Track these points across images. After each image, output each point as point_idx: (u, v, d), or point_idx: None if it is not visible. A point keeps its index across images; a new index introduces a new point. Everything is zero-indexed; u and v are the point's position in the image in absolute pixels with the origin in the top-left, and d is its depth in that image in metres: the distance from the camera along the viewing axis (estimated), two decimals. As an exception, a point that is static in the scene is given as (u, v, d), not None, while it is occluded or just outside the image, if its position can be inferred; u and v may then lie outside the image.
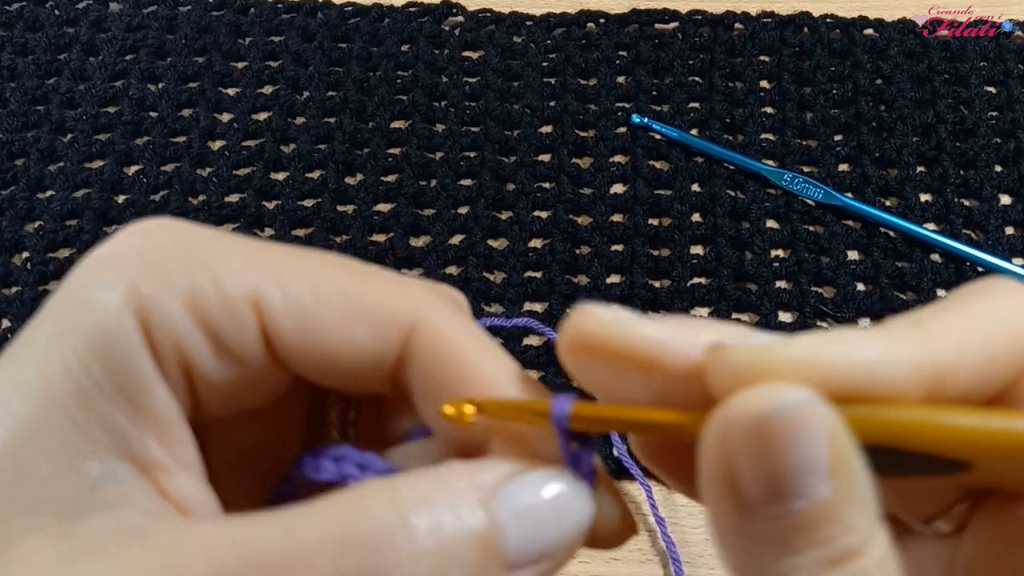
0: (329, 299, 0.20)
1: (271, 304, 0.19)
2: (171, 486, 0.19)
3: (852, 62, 0.60)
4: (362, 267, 0.21)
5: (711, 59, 0.61)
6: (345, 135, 0.58)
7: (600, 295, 0.51)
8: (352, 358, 0.20)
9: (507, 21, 0.63)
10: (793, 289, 0.51)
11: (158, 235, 0.20)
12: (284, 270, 0.20)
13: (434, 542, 0.17)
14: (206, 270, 0.19)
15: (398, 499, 0.17)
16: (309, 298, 0.19)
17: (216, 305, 0.19)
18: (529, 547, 0.18)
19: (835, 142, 0.57)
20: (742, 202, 0.55)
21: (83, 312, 0.19)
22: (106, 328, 0.18)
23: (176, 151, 0.58)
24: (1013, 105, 0.58)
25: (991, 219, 0.54)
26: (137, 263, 0.19)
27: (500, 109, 0.59)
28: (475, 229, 0.54)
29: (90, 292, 0.19)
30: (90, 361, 0.18)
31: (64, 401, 0.18)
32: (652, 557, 0.45)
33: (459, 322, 0.21)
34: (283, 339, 0.19)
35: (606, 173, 0.56)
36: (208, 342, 0.19)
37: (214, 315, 0.19)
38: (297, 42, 0.62)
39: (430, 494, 0.18)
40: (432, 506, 0.17)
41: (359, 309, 0.20)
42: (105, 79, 0.61)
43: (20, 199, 0.55)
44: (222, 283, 0.19)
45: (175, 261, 0.19)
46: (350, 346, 0.20)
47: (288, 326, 0.19)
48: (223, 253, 0.20)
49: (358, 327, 0.20)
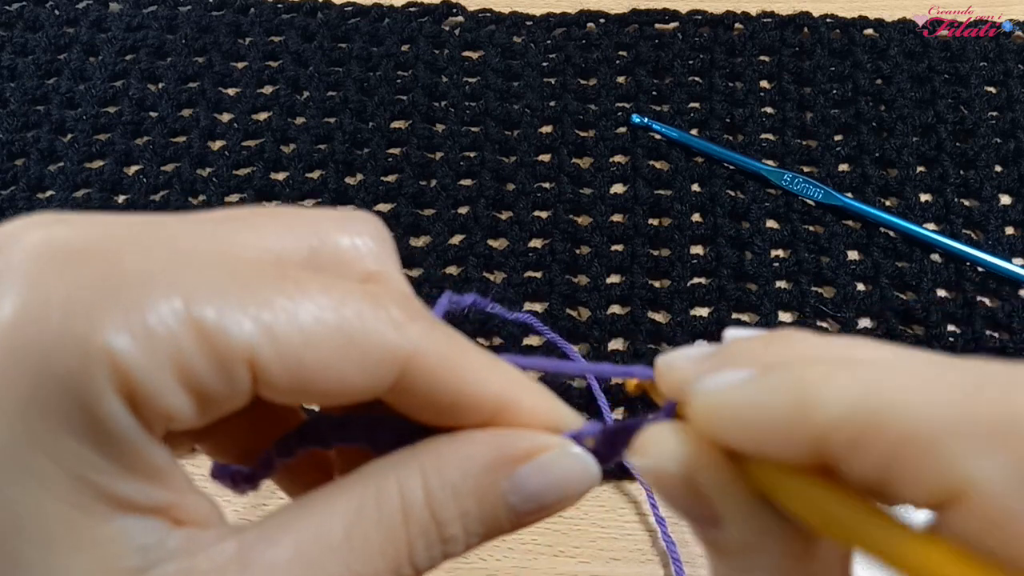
0: (321, 343, 0.18)
1: (265, 358, 0.18)
2: (182, 514, 0.18)
3: (852, 62, 0.60)
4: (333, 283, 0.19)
5: (711, 59, 0.61)
6: (345, 135, 0.58)
7: (600, 295, 0.51)
8: (342, 392, 0.19)
9: (507, 21, 0.63)
10: (793, 289, 0.51)
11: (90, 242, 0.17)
12: (275, 314, 0.18)
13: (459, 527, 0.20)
14: (191, 325, 0.17)
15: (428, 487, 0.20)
16: (299, 342, 0.18)
17: (206, 367, 0.17)
18: (533, 511, 0.21)
19: (835, 142, 0.57)
20: (742, 202, 0.55)
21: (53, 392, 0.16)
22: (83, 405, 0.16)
23: (176, 151, 0.58)
24: (1013, 105, 0.58)
25: (991, 219, 0.54)
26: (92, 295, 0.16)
27: (500, 109, 0.59)
28: (475, 229, 0.54)
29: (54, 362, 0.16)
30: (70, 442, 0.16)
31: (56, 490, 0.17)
32: (652, 557, 0.45)
33: (442, 340, 0.20)
34: (272, 384, 0.18)
35: (606, 173, 0.56)
36: (193, 399, 0.18)
37: (204, 376, 0.17)
38: (297, 42, 0.62)
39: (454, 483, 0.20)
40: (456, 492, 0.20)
41: (353, 350, 0.19)
42: (105, 79, 0.61)
43: (20, 199, 0.55)
44: (214, 341, 0.17)
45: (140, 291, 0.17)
46: (340, 383, 0.19)
47: (278, 373, 0.18)
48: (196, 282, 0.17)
49: (350, 368, 0.19)
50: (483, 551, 0.45)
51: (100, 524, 0.17)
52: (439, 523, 0.19)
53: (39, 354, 0.16)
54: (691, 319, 0.50)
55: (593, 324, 0.50)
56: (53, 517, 0.17)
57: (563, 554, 0.45)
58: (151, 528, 0.18)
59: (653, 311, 0.51)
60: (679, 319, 0.50)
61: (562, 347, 0.48)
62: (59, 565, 0.17)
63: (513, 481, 0.20)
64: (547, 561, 0.45)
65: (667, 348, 0.50)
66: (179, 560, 0.18)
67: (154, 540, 0.18)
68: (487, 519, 0.20)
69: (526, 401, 0.21)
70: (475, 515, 0.20)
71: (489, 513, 0.20)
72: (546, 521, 0.48)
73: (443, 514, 0.20)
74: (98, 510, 0.17)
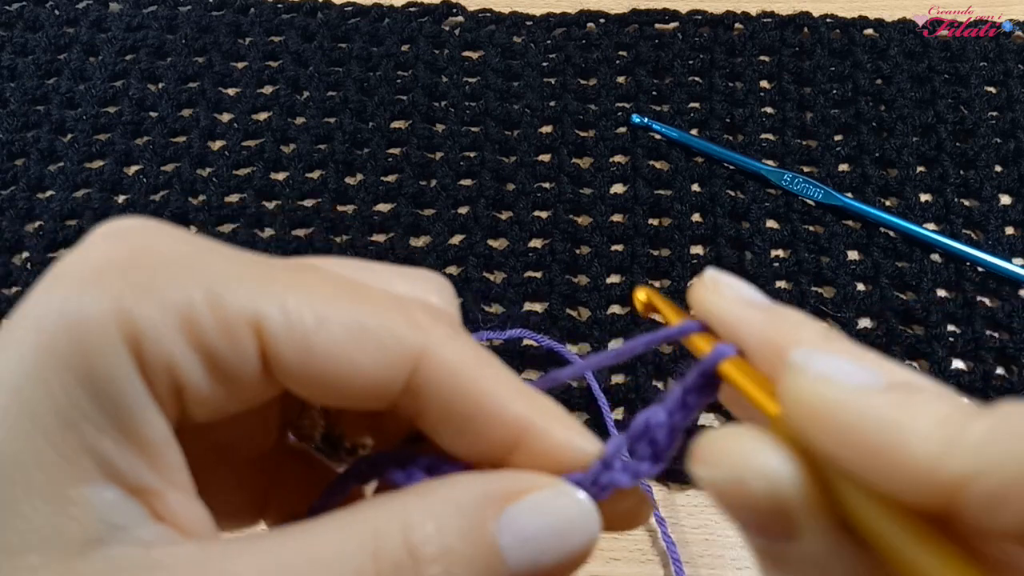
0: (332, 323, 0.18)
1: (272, 328, 0.18)
2: (165, 509, 0.18)
3: (852, 62, 0.60)
4: (362, 287, 0.20)
5: (711, 59, 0.61)
6: (345, 135, 0.58)
7: (600, 295, 0.51)
8: (354, 384, 0.19)
9: (507, 21, 0.63)
10: (793, 289, 0.51)
11: (140, 240, 0.18)
12: (286, 290, 0.18)
13: (440, 568, 0.18)
14: (201, 286, 0.18)
15: (408, 523, 0.18)
16: (311, 321, 0.18)
17: (213, 327, 0.18)
18: (531, 566, 0.18)
19: (835, 142, 0.57)
20: (742, 202, 0.55)
21: (61, 331, 0.17)
22: (91, 352, 0.17)
23: (176, 151, 0.58)
24: (1013, 105, 0.58)
25: (991, 219, 0.54)
26: (123, 274, 0.17)
27: (500, 109, 0.59)
28: (475, 229, 0.54)
29: (70, 309, 0.17)
30: (74, 388, 0.17)
31: (47, 431, 0.17)
32: (652, 557, 0.45)
33: (464, 345, 0.20)
34: (283, 363, 0.18)
35: (606, 173, 0.56)
36: (203, 364, 0.18)
37: (211, 337, 0.18)
38: (297, 42, 0.62)
39: (437, 517, 0.18)
40: (439, 528, 0.18)
41: (363, 334, 0.19)
42: (105, 79, 0.61)
43: (20, 199, 0.55)
44: (220, 303, 0.18)
45: (166, 273, 0.18)
46: (352, 373, 0.19)
47: (289, 351, 0.18)
48: (218, 266, 0.18)
49: (362, 354, 0.19)
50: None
51: (79, 483, 0.17)
52: (416, 559, 0.18)
53: (58, 312, 0.17)
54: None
55: (593, 324, 0.50)
56: (37, 457, 0.17)
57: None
58: (127, 510, 0.17)
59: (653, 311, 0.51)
60: (679, 319, 0.50)
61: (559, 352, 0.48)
62: (23, 508, 0.17)
63: (503, 520, 0.18)
64: (547, 561, 0.45)
65: (667, 347, 0.50)
66: (137, 548, 0.17)
67: (124, 522, 0.17)
68: (475, 563, 0.18)
69: (553, 430, 0.20)
70: (460, 555, 0.18)
71: (477, 555, 0.18)
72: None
73: (422, 550, 0.18)
74: (82, 466, 0.17)
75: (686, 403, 0.20)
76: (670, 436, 0.20)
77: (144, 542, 0.17)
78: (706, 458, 0.18)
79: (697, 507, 0.46)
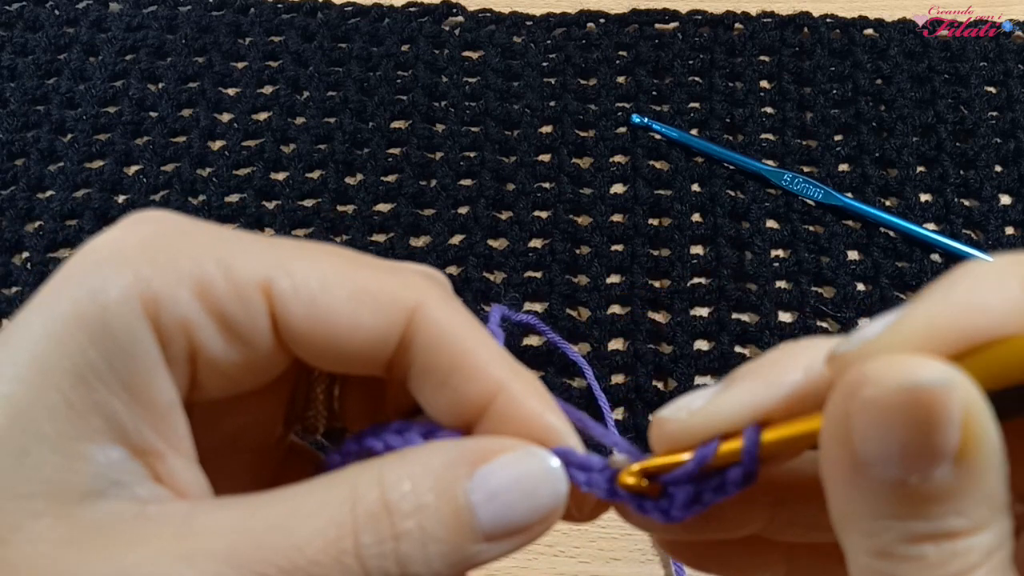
0: (335, 286, 0.20)
1: (281, 290, 0.20)
2: (165, 471, 0.19)
3: (852, 62, 0.60)
4: (361, 256, 0.21)
5: (711, 59, 0.61)
6: (345, 135, 0.58)
7: (600, 295, 0.51)
8: (357, 342, 0.20)
9: (507, 21, 0.63)
10: (793, 289, 0.51)
11: (162, 225, 0.20)
12: (291, 258, 0.20)
13: (414, 523, 0.19)
14: (214, 257, 0.19)
15: (384, 484, 0.19)
16: (316, 285, 0.20)
17: (226, 291, 0.19)
18: (502, 523, 0.20)
19: (835, 142, 0.57)
20: (742, 202, 0.55)
21: (84, 298, 0.18)
22: (108, 315, 0.18)
23: (176, 151, 0.58)
24: (1013, 105, 0.58)
25: (991, 219, 0.54)
26: (142, 250, 0.19)
27: (500, 109, 0.59)
28: (475, 229, 0.54)
29: (92, 278, 0.19)
30: (88, 347, 0.18)
31: (61, 386, 0.18)
32: (652, 557, 0.45)
33: (455, 308, 0.21)
34: (292, 324, 0.20)
35: (606, 173, 0.56)
36: (217, 327, 0.19)
37: (224, 301, 0.19)
38: (297, 42, 0.62)
39: (413, 476, 0.19)
40: (414, 487, 0.19)
41: (364, 294, 0.20)
42: (105, 79, 0.61)
43: (20, 199, 0.55)
44: (232, 269, 0.19)
45: (181, 248, 0.19)
46: (355, 330, 0.20)
47: (297, 312, 0.20)
48: (229, 242, 0.20)
49: (363, 312, 0.20)
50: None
51: (86, 439, 0.18)
52: (391, 512, 0.19)
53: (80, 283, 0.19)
54: (691, 319, 0.50)
55: (593, 324, 0.50)
56: (50, 411, 0.18)
57: (563, 554, 0.45)
58: (129, 468, 0.19)
59: (653, 311, 0.51)
60: (679, 319, 0.50)
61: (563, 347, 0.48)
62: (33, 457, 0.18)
63: (475, 479, 0.19)
64: (547, 561, 0.45)
65: (667, 348, 0.50)
66: (133, 503, 0.18)
67: (125, 479, 0.19)
68: (447, 518, 0.19)
69: (527, 399, 0.21)
70: (433, 510, 0.19)
71: (449, 511, 0.19)
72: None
73: (397, 504, 0.19)
74: (91, 423, 0.18)
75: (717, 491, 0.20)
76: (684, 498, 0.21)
77: (140, 499, 0.19)
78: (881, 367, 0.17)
79: (697, 507, 0.46)
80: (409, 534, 0.19)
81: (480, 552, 0.19)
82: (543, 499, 0.20)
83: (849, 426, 0.16)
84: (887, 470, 0.16)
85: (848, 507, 0.17)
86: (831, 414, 0.17)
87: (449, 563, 0.19)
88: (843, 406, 0.17)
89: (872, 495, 0.17)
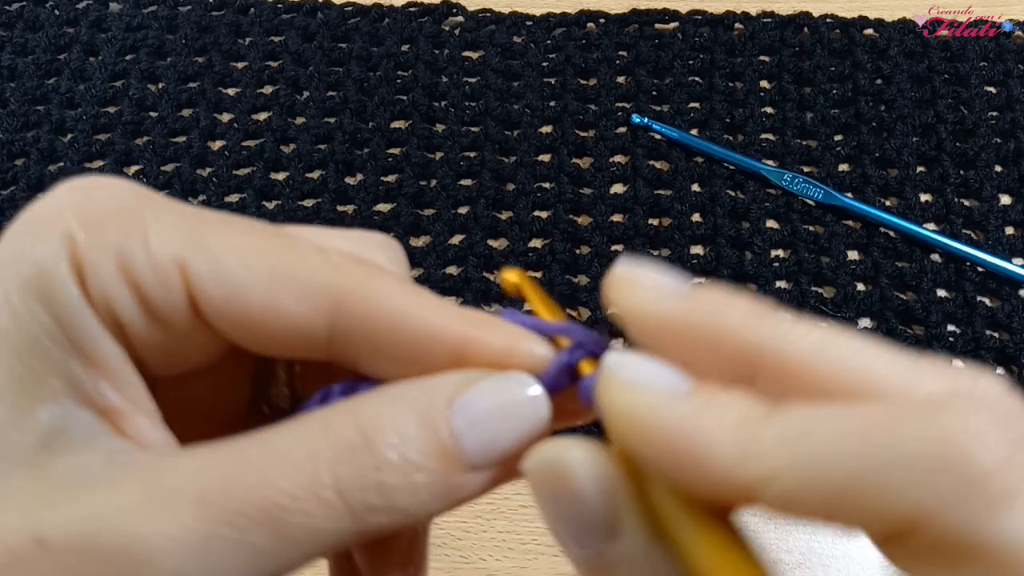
0: (255, 268, 0.19)
1: (197, 270, 0.19)
2: (131, 429, 0.19)
3: (852, 62, 0.60)
4: (290, 236, 0.21)
5: (711, 59, 0.61)
6: (345, 135, 0.58)
7: (600, 295, 0.51)
8: (280, 328, 0.20)
9: (507, 21, 0.63)
10: (793, 289, 0.51)
11: (96, 192, 0.20)
12: (213, 236, 0.19)
13: (396, 453, 0.18)
14: (138, 230, 0.19)
15: (360, 418, 0.19)
16: (235, 266, 0.19)
17: (144, 266, 0.19)
18: (488, 450, 0.19)
19: (835, 142, 0.57)
20: (742, 202, 0.55)
21: (25, 263, 0.18)
22: (47, 278, 0.18)
23: (176, 151, 0.58)
24: (1013, 105, 0.58)
25: (991, 219, 0.54)
26: (73, 217, 0.19)
27: (500, 109, 0.59)
28: (475, 229, 0.54)
29: (29, 243, 0.19)
30: (38, 310, 0.18)
31: (17, 349, 0.18)
32: (652, 557, 0.45)
33: (393, 281, 0.20)
34: (209, 305, 0.19)
35: (606, 173, 0.56)
36: (136, 302, 0.19)
37: (142, 275, 0.19)
38: (297, 42, 0.62)
39: (391, 409, 0.19)
40: (393, 421, 0.19)
41: (285, 278, 0.19)
42: (105, 79, 0.61)
43: (20, 199, 0.55)
44: (151, 244, 0.19)
45: (109, 218, 0.19)
46: (278, 316, 0.19)
47: (214, 293, 0.19)
48: (156, 214, 0.19)
49: (284, 297, 0.19)
50: (483, 551, 0.45)
51: (47, 399, 0.18)
52: (370, 444, 0.18)
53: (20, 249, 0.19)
54: (691, 319, 0.50)
55: (593, 324, 0.50)
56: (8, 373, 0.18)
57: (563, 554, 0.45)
58: (93, 426, 0.19)
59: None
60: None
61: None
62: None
63: (455, 407, 0.19)
64: (547, 561, 0.45)
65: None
66: (99, 455, 0.18)
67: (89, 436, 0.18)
68: (433, 450, 0.19)
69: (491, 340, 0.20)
70: (417, 440, 0.18)
71: (432, 440, 0.19)
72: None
73: (375, 435, 0.18)
74: (50, 384, 0.18)
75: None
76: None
77: (109, 450, 0.18)
78: (538, 450, 0.19)
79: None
80: (391, 464, 0.18)
81: (466, 483, 0.19)
82: (526, 422, 0.20)
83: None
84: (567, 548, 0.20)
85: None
86: None
87: (436, 494, 0.19)
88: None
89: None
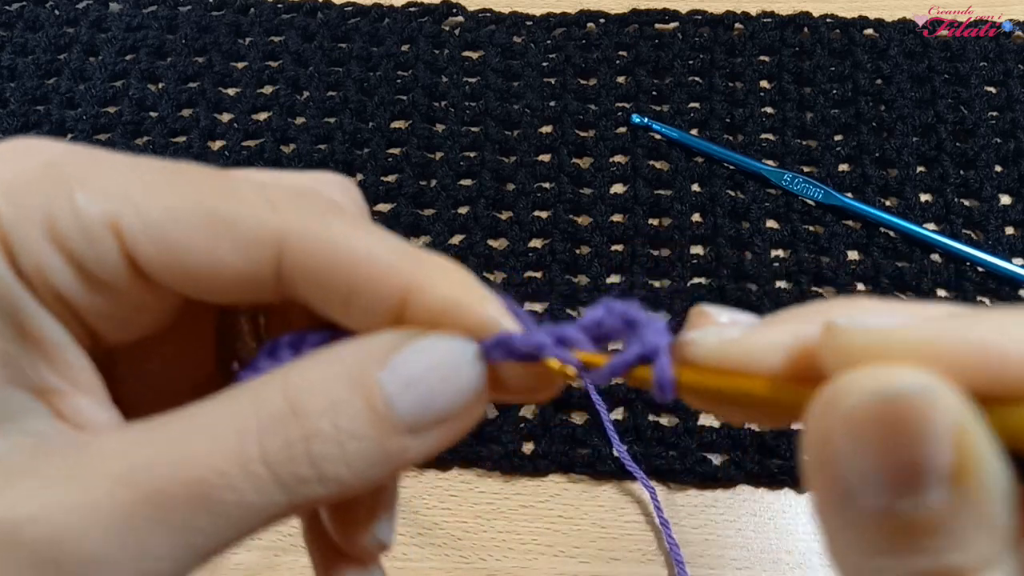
0: (188, 218, 0.18)
1: (129, 227, 0.18)
2: (69, 410, 0.19)
3: (852, 62, 0.60)
4: (230, 181, 0.20)
5: (711, 59, 0.61)
6: (345, 135, 0.58)
7: (600, 295, 0.51)
8: (222, 277, 0.19)
9: (507, 21, 0.63)
10: (793, 289, 0.51)
11: (20, 157, 0.19)
12: (142, 189, 0.18)
13: (327, 421, 0.18)
14: (64, 192, 0.18)
15: (289, 386, 0.18)
16: (166, 218, 0.18)
17: (72, 228, 0.18)
18: (423, 412, 0.18)
19: (835, 142, 0.57)
20: (742, 202, 0.55)
21: None
22: None
23: (176, 151, 0.58)
24: (1013, 105, 0.58)
25: (991, 219, 0.54)
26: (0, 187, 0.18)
27: (500, 109, 0.59)
28: (475, 229, 0.54)
29: None
30: None
31: None
32: (654, 557, 0.45)
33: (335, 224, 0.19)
34: (147, 262, 0.18)
35: (606, 173, 0.56)
36: (71, 267, 0.18)
37: (71, 239, 0.18)
38: (297, 42, 0.62)
39: (321, 374, 0.18)
40: (323, 386, 0.18)
41: (221, 227, 0.19)
42: (105, 79, 0.61)
43: (20, 199, 0.55)
44: (78, 205, 0.18)
45: (32, 184, 0.18)
46: (216, 265, 0.19)
47: (148, 248, 0.18)
48: (84, 172, 0.18)
49: (221, 246, 0.19)
50: (483, 551, 0.45)
51: None
52: (299, 413, 0.18)
53: None
54: (691, 319, 0.50)
55: (593, 324, 0.50)
56: None
57: (563, 554, 0.45)
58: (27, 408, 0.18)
59: (653, 311, 0.51)
60: (679, 319, 0.50)
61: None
62: None
63: (387, 368, 0.18)
64: (547, 561, 0.45)
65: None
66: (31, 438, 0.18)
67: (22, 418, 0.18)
68: (365, 415, 0.18)
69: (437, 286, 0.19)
70: (348, 406, 0.18)
71: (364, 404, 0.18)
72: (546, 521, 0.47)
73: (304, 402, 0.18)
74: None
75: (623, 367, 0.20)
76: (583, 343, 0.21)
77: (39, 434, 0.18)
78: (850, 384, 0.15)
79: (697, 507, 0.46)
80: (322, 433, 0.17)
81: (407, 448, 0.18)
82: (463, 382, 0.19)
83: (829, 448, 0.15)
84: (873, 497, 0.14)
85: (837, 542, 0.16)
86: (811, 435, 0.15)
87: (371, 461, 0.18)
88: (822, 424, 0.15)
89: (860, 527, 0.15)
